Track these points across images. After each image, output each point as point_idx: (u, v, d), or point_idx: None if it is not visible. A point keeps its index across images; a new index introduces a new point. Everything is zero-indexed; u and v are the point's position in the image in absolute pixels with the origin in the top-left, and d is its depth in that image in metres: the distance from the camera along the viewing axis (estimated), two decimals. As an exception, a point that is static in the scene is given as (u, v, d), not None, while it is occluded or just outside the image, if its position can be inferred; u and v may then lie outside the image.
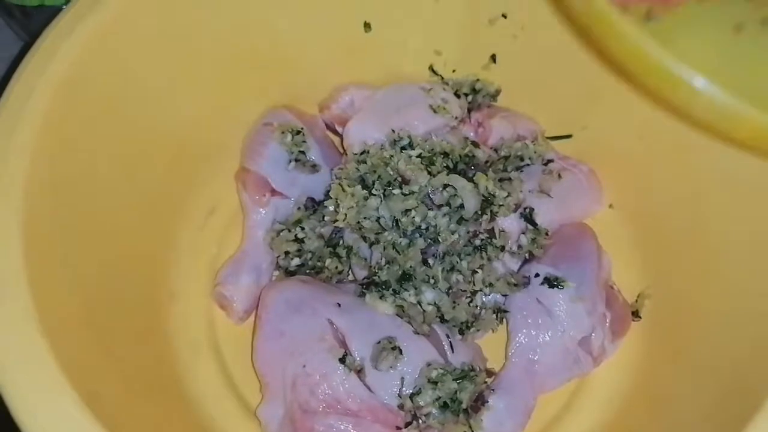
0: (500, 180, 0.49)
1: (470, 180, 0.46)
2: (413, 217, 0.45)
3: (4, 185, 0.37)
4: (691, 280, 0.48)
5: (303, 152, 0.52)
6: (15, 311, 0.34)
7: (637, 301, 0.50)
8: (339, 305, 0.45)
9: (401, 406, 0.43)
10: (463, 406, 0.43)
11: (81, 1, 0.42)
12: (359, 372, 0.43)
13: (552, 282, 0.47)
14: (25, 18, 0.57)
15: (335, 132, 0.55)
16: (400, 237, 0.45)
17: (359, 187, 0.46)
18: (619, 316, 0.48)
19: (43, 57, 0.41)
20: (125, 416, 0.37)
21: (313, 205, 0.50)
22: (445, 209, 0.45)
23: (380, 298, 0.45)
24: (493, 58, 0.55)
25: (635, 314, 0.50)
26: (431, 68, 0.57)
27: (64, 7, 0.43)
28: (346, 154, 0.51)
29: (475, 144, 0.51)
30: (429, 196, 0.45)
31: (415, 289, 0.45)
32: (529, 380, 0.46)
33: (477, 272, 0.47)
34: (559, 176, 0.51)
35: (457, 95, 0.55)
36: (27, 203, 0.37)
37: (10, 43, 0.61)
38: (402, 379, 0.43)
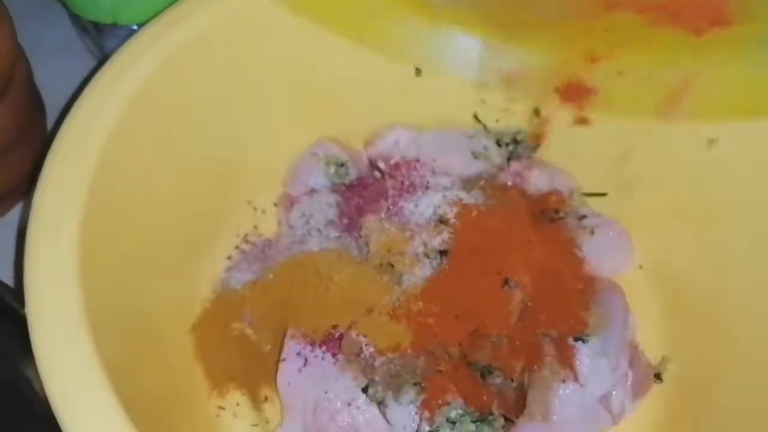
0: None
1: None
2: None
3: (68, 192, 0.39)
4: (711, 348, 0.48)
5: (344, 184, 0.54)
6: (64, 311, 0.36)
7: (660, 363, 0.51)
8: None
9: (418, 443, 0.44)
10: (479, 449, 0.44)
11: (154, 26, 0.45)
12: (380, 403, 0.44)
13: (577, 334, 0.47)
14: (99, 34, 0.60)
15: (378, 168, 0.57)
16: None
17: None
18: (641, 376, 0.48)
19: (115, 75, 0.43)
20: (155, 420, 0.38)
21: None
22: None
23: None
24: (536, 111, 0.57)
25: (657, 376, 0.50)
26: (475, 116, 0.58)
27: (136, 27, 0.46)
28: (385, 195, 0.53)
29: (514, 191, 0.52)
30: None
31: None
32: (546, 431, 0.46)
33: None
34: (592, 232, 0.52)
35: (498, 144, 0.56)
36: (88, 209, 0.39)
37: (83, 58, 0.64)
38: (421, 415, 0.44)
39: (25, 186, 0.57)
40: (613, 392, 0.47)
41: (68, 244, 0.37)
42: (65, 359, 0.34)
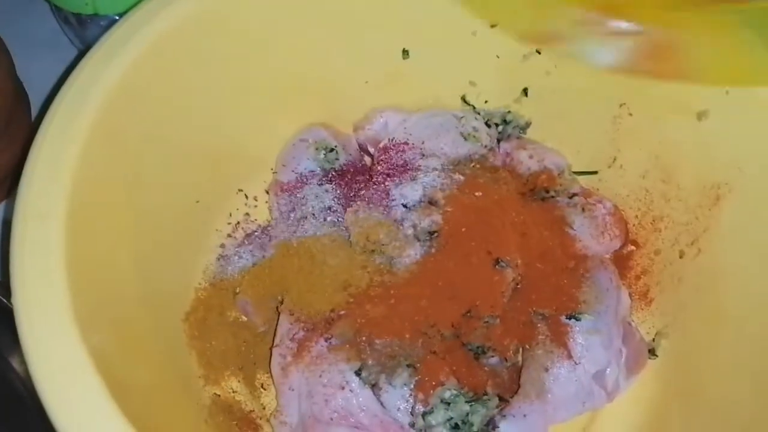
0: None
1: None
2: None
3: (54, 179, 0.38)
4: (706, 323, 0.48)
5: (334, 169, 0.53)
6: (51, 302, 0.35)
7: (654, 339, 0.51)
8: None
9: (412, 424, 0.44)
10: (474, 429, 0.44)
11: (136, 14, 0.45)
12: (374, 386, 0.44)
13: (570, 312, 0.47)
14: (80, 26, 0.60)
15: (367, 152, 0.57)
16: None
17: None
18: (635, 352, 0.48)
19: (97, 65, 0.43)
20: (147, 408, 0.38)
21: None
22: None
23: None
24: (525, 91, 0.56)
25: (652, 352, 0.50)
26: (463, 99, 0.58)
27: (118, 17, 0.45)
28: (374, 178, 0.52)
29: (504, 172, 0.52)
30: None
31: None
32: (541, 410, 0.46)
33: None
34: (583, 210, 0.52)
35: (487, 125, 0.56)
36: (74, 197, 0.38)
37: (66, 50, 0.64)
38: (415, 396, 0.44)
39: (10, 180, 0.57)
40: (608, 369, 0.47)
41: (55, 234, 0.37)
42: (52, 350, 0.34)
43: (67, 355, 0.34)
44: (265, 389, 0.49)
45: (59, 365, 0.34)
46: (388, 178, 0.50)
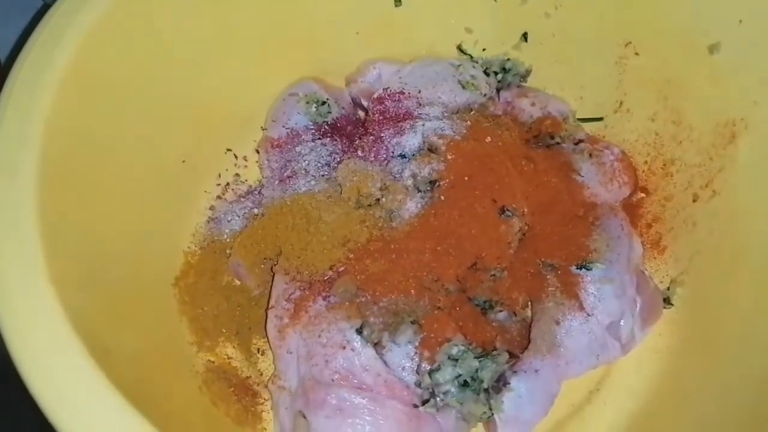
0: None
1: None
2: None
3: (24, 133, 0.36)
4: (722, 269, 0.46)
5: (327, 123, 0.51)
6: (21, 252, 0.33)
7: (669, 288, 0.48)
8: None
9: (419, 384, 0.41)
10: (484, 385, 0.41)
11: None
12: (376, 345, 0.41)
13: (580, 262, 0.45)
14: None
15: (361, 106, 0.54)
16: None
17: None
18: (649, 302, 0.46)
19: (70, 9, 0.40)
20: (136, 374, 0.36)
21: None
22: None
23: None
24: (525, 36, 0.54)
25: (666, 301, 0.48)
26: (460, 48, 0.56)
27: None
28: (369, 129, 0.50)
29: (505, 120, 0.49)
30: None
31: None
32: (553, 364, 0.44)
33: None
34: (590, 156, 0.49)
35: (486, 73, 0.53)
36: (46, 152, 0.36)
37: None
38: (420, 354, 0.41)
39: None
40: (621, 320, 0.45)
41: (26, 191, 0.34)
42: (26, 311, 0.32)
43: (42, 315, 0.31)
44: (262, 354, 0.47)
45: (34, 331, 0.31)
46: (384, 128, 0.48)
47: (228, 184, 0.52)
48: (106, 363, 0.32)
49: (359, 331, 0.41)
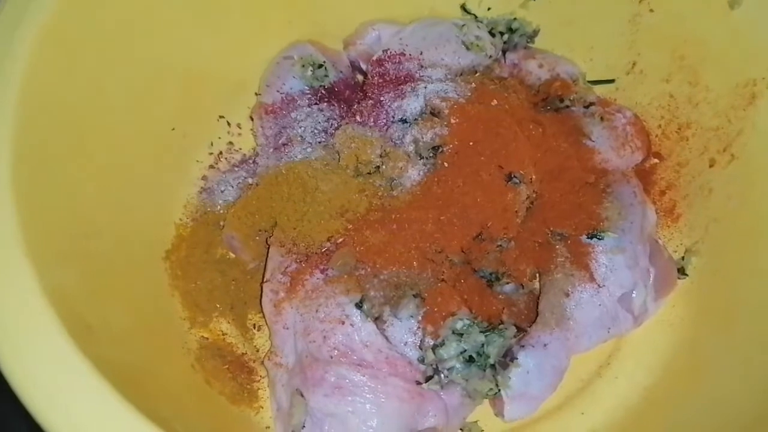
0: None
1: None
2: None
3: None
4: (739, 237, 0.44)
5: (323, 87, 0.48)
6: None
7: (683, 258, 0.46)
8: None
9: (422, 359, 0.39)
10: (490, 361, 0.39)
11: None
12: (377, 319, 0.39)
13: (590, 231, 0.43)
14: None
15: (360, 70, 0.51)
16: None
17: None
18: (663, 272, 0.44)
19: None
20: (122, 353, 0.34)
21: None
22: None
23: None
24: (532, -7, 0.51)
25: (681, 271, 0.46)
26: (463, 7, 0.53)
27: None
28: (368, 93, 0.47)
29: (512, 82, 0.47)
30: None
31: None
32: (563, 338, 0.42)
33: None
34: (602, 119, 0.47)
35: (492, 34, 0.51)
36: (21, 117, 0.34)
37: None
38: (424, 329, 0.39)
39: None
40: (634, 292, 0.43)
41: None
42: (2, 291, 0.30)
43: (15, 291, 0.29)
44: (257, 330, 0.45)
45: (4, 302, 0.29)
46: (384, 92, 0.45)
47: (221, 152, 0.50)
48: (87, 341, 0.31)
49: (359, 306, 0.39)
